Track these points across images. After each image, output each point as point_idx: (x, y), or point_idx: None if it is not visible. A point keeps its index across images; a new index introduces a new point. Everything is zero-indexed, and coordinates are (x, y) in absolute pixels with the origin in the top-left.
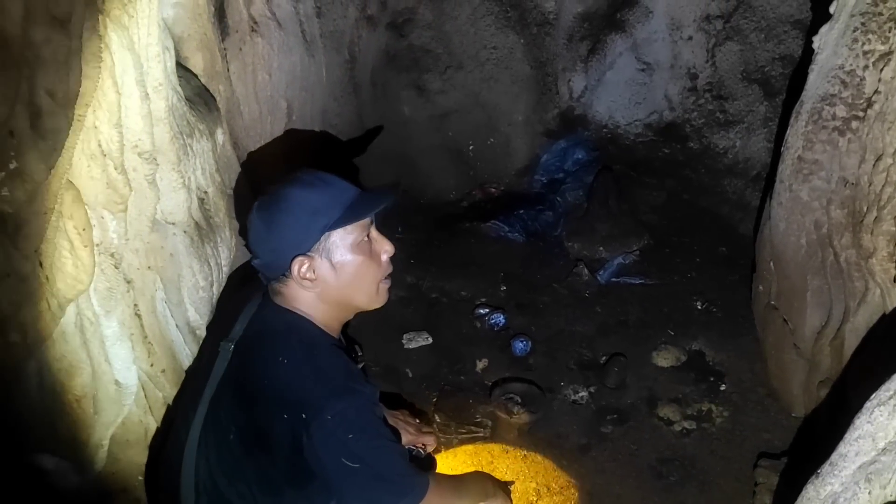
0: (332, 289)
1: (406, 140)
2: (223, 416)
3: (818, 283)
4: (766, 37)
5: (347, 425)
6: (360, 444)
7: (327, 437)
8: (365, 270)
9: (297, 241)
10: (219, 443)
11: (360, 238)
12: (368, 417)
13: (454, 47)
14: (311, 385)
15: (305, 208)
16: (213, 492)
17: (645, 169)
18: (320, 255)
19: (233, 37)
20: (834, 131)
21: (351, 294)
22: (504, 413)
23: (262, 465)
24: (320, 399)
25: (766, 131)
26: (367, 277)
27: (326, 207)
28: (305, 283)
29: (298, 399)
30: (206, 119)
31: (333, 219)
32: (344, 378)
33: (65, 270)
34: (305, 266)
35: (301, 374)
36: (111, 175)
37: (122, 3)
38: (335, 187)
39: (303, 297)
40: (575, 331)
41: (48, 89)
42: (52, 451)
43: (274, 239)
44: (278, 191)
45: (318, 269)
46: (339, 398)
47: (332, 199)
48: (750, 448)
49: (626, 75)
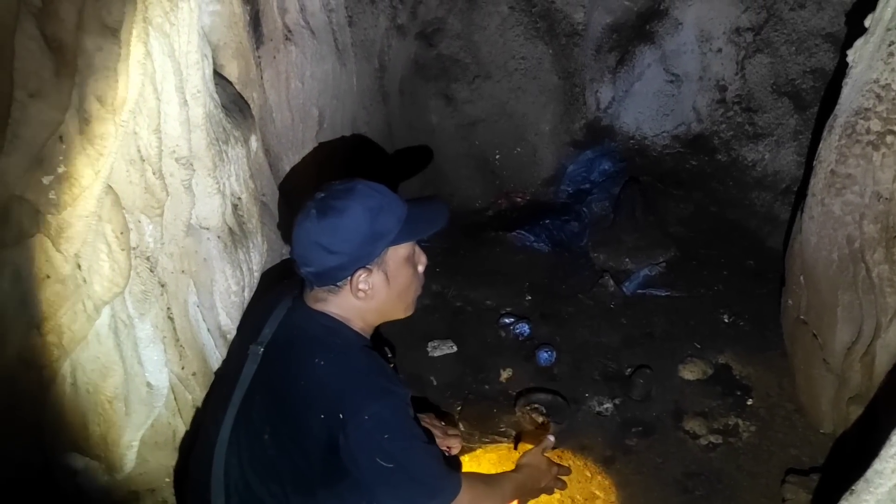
0: (380, 300)
1: (433, 148)
2: (256, 417)
3: (849, 298)
4: (797, 49)
5: (384, 426)
6: (395, 445)
7: (364, 437)
8: (411, 283)
9: (362, 255)
10: (252, 443)
11: (412, 251)
12: (404, 418)
13: (483, 57)
14: (348, 386)
15: (371, 223)
16: (245, 492)
17: (672, 180)
18: (378, 269)
19: (267, 45)
20: (868, 145)
21: (395, 305)
22: (528, 423)
23: (297, 465)
24: (357, 400)
25: (795, 144)
26: (412, 289)
27: (389, 222)
28: (360, 294)
29: (336, 399)
30: (241, 126)
31: (395, 234)
32: (381, 379)
33: (102, 273)
34: (362, 280)
35: (338, 375)
36: (149, 180)
37: (165, 11)
38: (392, 201)
39: (348, 305)
40: (600, 342)
41: (98, 96)
42: (82, 451)
43: (337, 251)
44: (339, 203)
45: (374, 282)
46: (376, 399)
47: (393, 214)
48: (777, 464)
49: (654, 86)
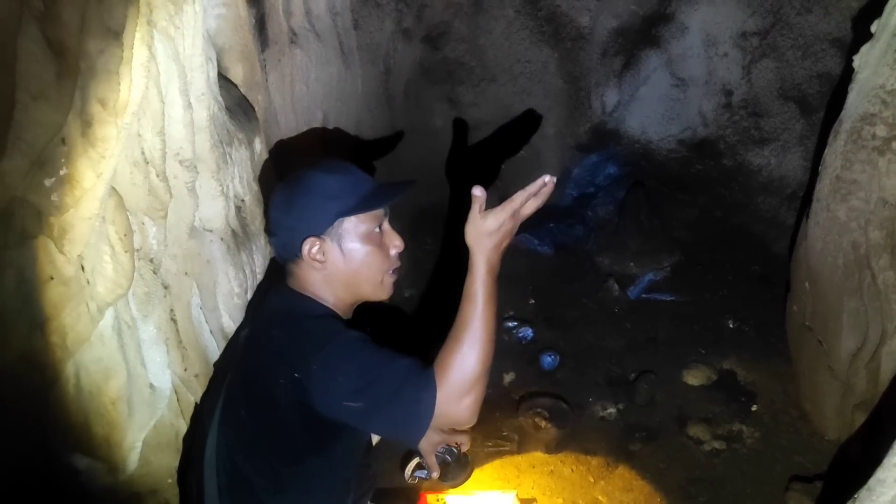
0: (339, 273)
1: (438, 152)
2: (234, 397)
3: (855, 304)
4: (804, 54)
5: (333, 368)
6: (352, 382)
7: (321, 386)
8: (372, 260)
9: (311, 223)
10: (234, 423)
11: (372, 229)
12: (351, 353)
13: (488, 60)
14: (297, 346)
15: (323, 192)
16: (232, 471)
17: (677, 185)
18: (332, 239)
19: (272, 48)
20: (874, 151)
21: (357, 281)
22: (531, 427)
23: (278, 436)
24: (304, 355)
25: (801, 149)
26: (374, 267)
27: (343, 194)
28: (315, 264)
29: (290, 362)
30: (245, 128)
31: (348, 206)
32: (326, 331)
33: (105, 274)
34: (316, 247)
35: (290, 341)
36: (153, 182)
37: (170, 15)
38: (354, 176)
39: (313, 279)
40: (604, 346)
41: (100, 98)
42: (85, 452)
43: (291, 219)
44: (301, 174)
45: (327, 252)
46: (321, 348)
47: (350, 187)
48: (781, 470)
49: (659, 91)
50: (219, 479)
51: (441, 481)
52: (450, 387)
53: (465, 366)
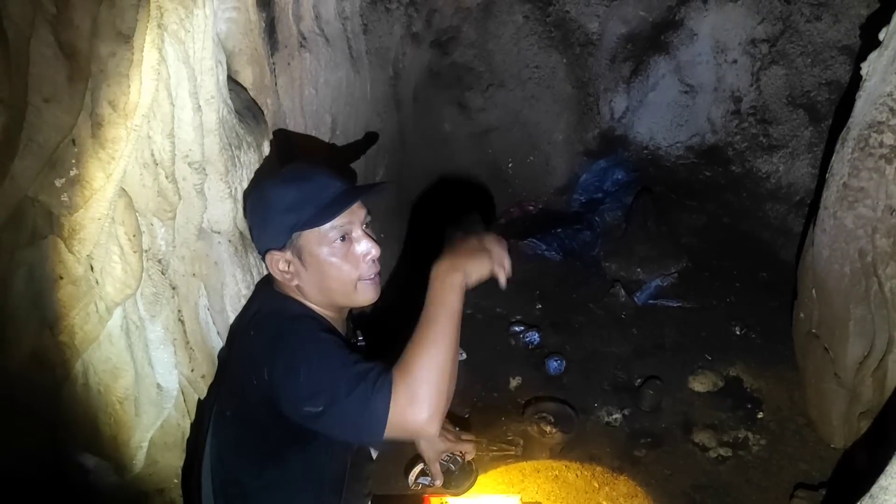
0: (307, 284)
1: (447, 156)
2: (222, 396)
3: (861, 312)
4: (813, 62)
5: (294, 369)
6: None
7: (284, 386)
8: (336, 272)
9: (269, 238)
10: (223, 423)
11: (334, 239)
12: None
13: (497, 65)
14: (268, 345)
15: (279, 206)
16: (224, 471)
17: (685, 191)
18: (292, 252)
19: (282, 52)
20: (881, 159)
21: (325, 291)
22: (536, 432)
23: (258, 434)
24: (272, 354)
25: (810, 157)
26: (340, 278)
27: (299, 206)
28: (284, 276)
29: (259, 362)
30: (254, 131)
31: (303, 218)
32: (294, 332)
33: (114, 275)
34: (280, 262)
35: (262, 340)
36: (162, 184)
37: (180, 18)
38: (314, 184)
39: (289, 286)
40: (610, 352)
41: (110, 100)
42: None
43: (255, 234)
44: (260, 184)
45: (291, 264)
46: (286, 347)
47: (308, 197)
48: (787, 478)
49: (668, 97)
50: (213, 480)
51: (444, 489)
52: (406, 391)
53: (420, 372)
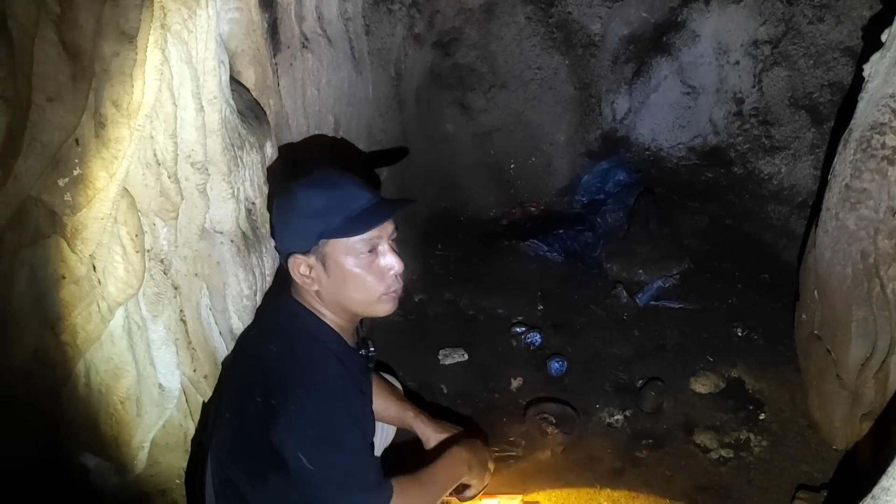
0: (328, 292)
1: (449, 157)
2: (224, 401)
3: (863, 313)
4: (815, 63)
5: (309, 421)
6: (319, 445)
7: (288, 427)
8: (360, 284)
9: (295, 242)
10: (224, 425)
11: (361, 251)
12: (334, 420)
13: (499, 67)
14: (285, 373)
15: (307, 211)
16: (222, 473)
17: (687, 192)
18: (317, 259)
19: (284, 52)
20: (883, 160)
21: (346, 301)
22: (538, 433)
23: (246, 448)
24: (290, 388)
25: (812, 158)
26: (362, 290)
27: (328, 214)
28: (303, 280)
29: (272, 385)
30: (257, 132)
31: (332, 227)
32: (317, 371)
33: (116, 274)
34: (302, 266)
35: (280, 362)
36: (164, 184)
37: (183, 19)
38: (344, 193)
39: (304, 292)
40: (612, 353)
41: (114, 100)
42: (94, 451)
43: (279, 235)
44: (292, 186)
45: (313, 270)
46: (307, 391)
47: (337, 206)
48: (788, 479)
49: (670, 98)
50: (214, 480)
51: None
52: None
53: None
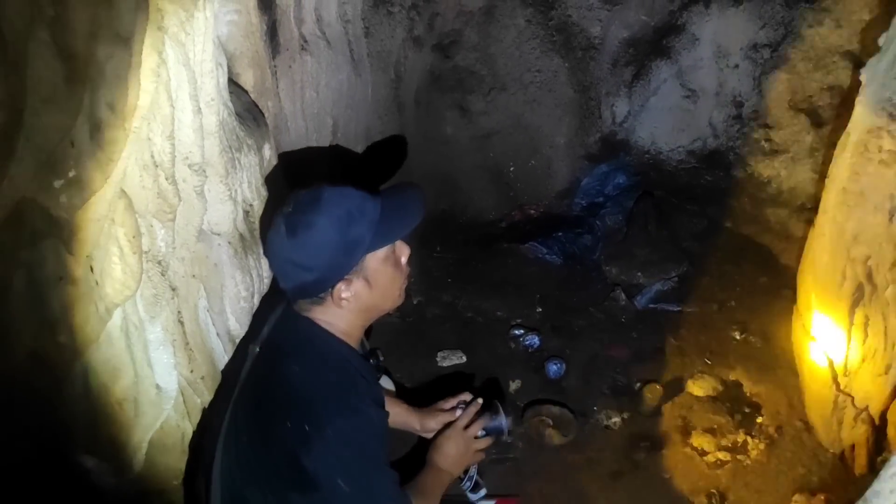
0: (364, 304)
1: (448, 159)
2: (239, 417)
3: (861, 317)
4: (815, 66)
5: (346, 444)
6: (356, 467)
7: (325, 452)
8: (393, 281)
9: (338, 267)
10: (236, 444)
11: (391, 251)
12: (366, 438)
13: (498, 69)
14: (317, 398)
15: (343, 234)
16: (233, 489)
17: (686, 195)
18: (358, 276)
19: (283, 55)
20: (881, 164)
21: (380, 303)
22: (536, 435)
23: (269, 470)
24: (324, 413)
25: (811, 161)
26: (396, 285)
27: (361, 229)
28: (343, 303)
29: (303, 410)
30: (255, 134)
31: (369, 240)
32: (350, 395)
33: (114, 276)
34: (346, 291)
35: (309, 386)
36: (162, 185)
37: (181, 21)
38: (362, 204)
39: (331, 312)
40: (610, 355)
41: (109, 102)
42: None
43: (312, 267)
44: (307, 217)
45: (354, 288)
46: (341, 414)
47: (364, 219)
48: (785, 482)
49: (670, 101)
50: (222, 494)
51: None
52: None
53: None
